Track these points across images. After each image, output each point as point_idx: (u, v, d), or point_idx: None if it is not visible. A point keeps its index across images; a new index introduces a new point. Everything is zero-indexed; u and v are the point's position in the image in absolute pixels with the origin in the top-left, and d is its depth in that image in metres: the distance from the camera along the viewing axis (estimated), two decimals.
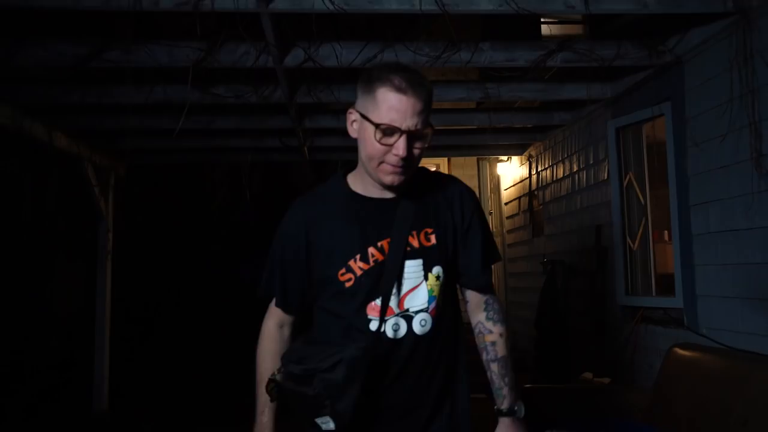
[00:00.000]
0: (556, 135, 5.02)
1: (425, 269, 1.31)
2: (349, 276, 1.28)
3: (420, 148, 1.27)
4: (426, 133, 1.26)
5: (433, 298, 1.31)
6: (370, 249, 1.29)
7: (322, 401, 1.19)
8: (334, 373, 1.18)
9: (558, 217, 5.04)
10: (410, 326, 1.29)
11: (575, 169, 4.65)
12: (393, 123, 1.21)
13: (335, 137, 5.12)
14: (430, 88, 1.26)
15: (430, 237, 1.33)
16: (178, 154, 5.40)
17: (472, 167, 7.82)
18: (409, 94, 1.21)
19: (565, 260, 4.74)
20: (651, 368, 3.46)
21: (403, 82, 1.22)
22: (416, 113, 1.22)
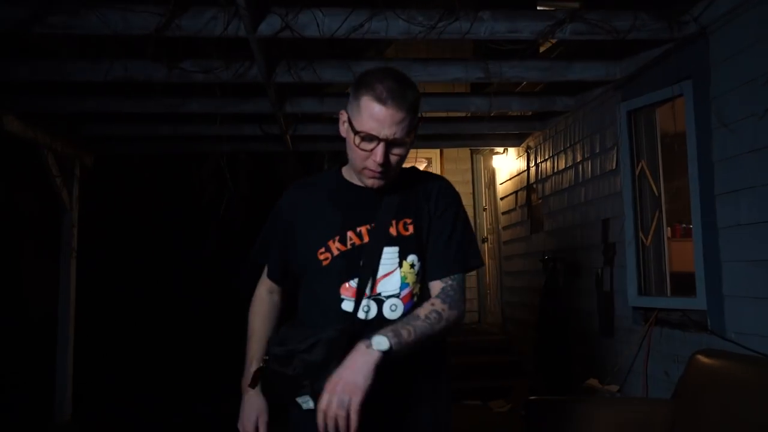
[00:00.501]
0: (557, 123, 4.68)
1: (400, 257, 1.35)
2: (327, 255, 1.35)
3: (399, 154, 1.31)
4: (406, 141, 1.29)
5: (406, 285, 1.35)
6: (348, 233, 1.36)
7: (302, 381, 1.25)
8: (312, 354, 1.24)
9: (559, 212, 4.70)
10: (380, 309, 1.33)
11: (579, 159, 4.31)
12: (371, 131, 1.26)
13: (320, 124, 4.75)
14: (413, 97, 1.28)
15: (408, 227, 1.37)
16: (149, 142, 5.00)
17: (466, 161, 7.48)
18: (389, 104, 1.24)
19: (568, 258, 4.40)
20: (667, 376, 3.12)
21: (384, 92, 1.25)
22: (395, 123, 1.25)
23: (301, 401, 1.27)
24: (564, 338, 4.22)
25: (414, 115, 1.29)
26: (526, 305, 5.47)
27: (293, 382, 1.27)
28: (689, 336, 2.95)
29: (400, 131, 1.26)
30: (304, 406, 1.27)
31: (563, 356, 4.19)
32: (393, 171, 1.32)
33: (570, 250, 4.44)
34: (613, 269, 3.76)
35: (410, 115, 1.27)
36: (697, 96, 2.86)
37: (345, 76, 3.41)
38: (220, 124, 4.53)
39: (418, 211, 1.39)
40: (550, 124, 4.79)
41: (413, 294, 1.35)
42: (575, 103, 4.22)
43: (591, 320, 4.07)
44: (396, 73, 1.31)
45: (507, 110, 4.24)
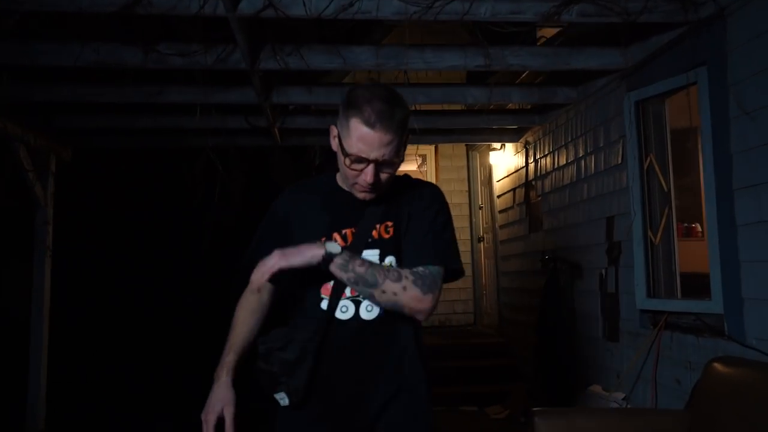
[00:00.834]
0: (558, 117, 4.47)
1: (380, 258, 1.37)
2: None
3: (389, 173, 1.33)
4: (395, 161, 1.32)
5: None
6: (334, 234, 1.39)
7: (278, 378, 1.31)
8: (287, 352, 1.31)
9: (560, 210, 4.49)
10: (357, 310, 1.36)
11: (581, 154, 4.10)
12: (361, 153, 1.28)
13: (309, 117, 4.52)
14: (401, 116, 1.29)
15: (389, 229, 1.40)
16: (130, 135, 4.75)
17: (461, 158, 7.26)
18: (377, 128, 1.26)
19: (569, 257, 4.19)
20: (679, 384, 2.92)
21: (372, 115, 1.26)
22: (384, 145, 1.27)
23: (279, 398, 1.33)
24: (565, 342, 4.02)
25: (403, 132, 1.30)
26: (525, 307, 5.26)
27: (271, 378, 1.33)
28: (703, 341, 2.74)
29: (389, 152, 1.29)
30: (281, 402, 1.33)
31: (564, 361, 3.99)
32: (384, 186, 1.35)
33: (571, 249, 4.24)
34: (618, 269, 3.56)
35: (399, 135, 1.29)
36: (713, 83, 2.66)
37: (334, 63, 3.19)
38: (204, 116, 4.29)
39: (400, 214, 1.40)
40: (550, 118, 4.58)
41: None
42: (577, 95, 4.02)
43: (594, 323, 3.87)
44: (384, 91, 1.31)
45: (506, 102, 4.03)
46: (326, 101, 3.87)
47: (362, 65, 3.22)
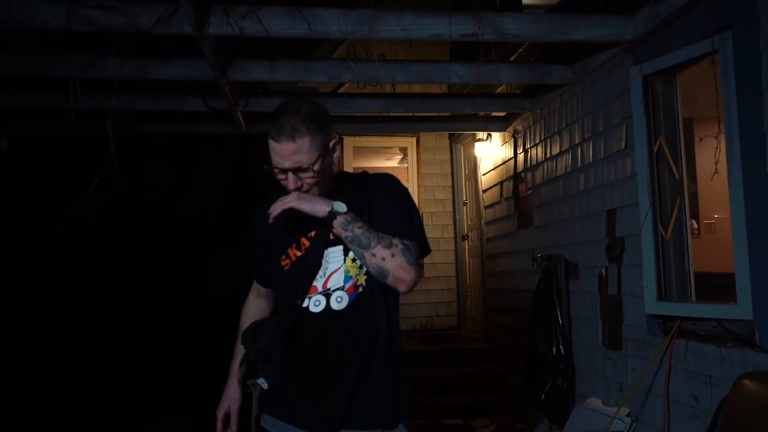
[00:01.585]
0: (551, 101, 4.07)
1: (344, 253, 1.47)
2: (287, 261, 1.51)
3: (311, 176, 1.41)
4: (312, 166, 1.39)
5: (349, 278, 1.46)
6: (302, 239, 1.50)
7: (257, 365, 1.46)
8: (258, 343, 1.46)
9: (552, 203, 4.09)
10: (328, 302, 1.46)
11: (577, 141, 3.70)
12: (276, 165, 1.41)
13: (276, 98, 4.04)
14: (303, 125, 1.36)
15: None
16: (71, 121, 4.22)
17: (444, 150, 6.84)
18: (280, 140, 1.37)
19: (565, 255, 3.79)
20: (696, 402, 2.52)
21: (274, 129, 1.38)
22: (292, 154, 1.37)
23: (260, 382, 1.46)
24: (560, 349, 3.61)
25: (313, 136, 1.37)
26: (513, 309, 4.85)
27: (252, 366, 1.46)
28: (728, 353, 2.34)
29: (301, 160, 1.38)
30: (263, 386, 1.46)
31: (559, 370, 3.58)
32: (318, 188, 1.44)
33: (566, 246, 3.84)
34: (622, 269, 3.16)
35: (306, 142, 1.36)
36: (740, 50, 2.26)
37: (297, 29, 2.73)
38: (156, 96, 3.81)
39: (359, 208, 1.45)
40: (541, 103, 4.17)
41: (357, 285, 1.47)
42: (573, 75, 3.61)
43: (592, 328, 3.47)
44: (290, 103, 1.41)
45: (494, 82, 3.61)
46: (290, 79, 3.42)
47: (330, 32, 2.77)
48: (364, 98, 4.14)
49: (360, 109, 4.12)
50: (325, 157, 1.42)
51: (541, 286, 3.77)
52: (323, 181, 1.44)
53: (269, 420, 1.50)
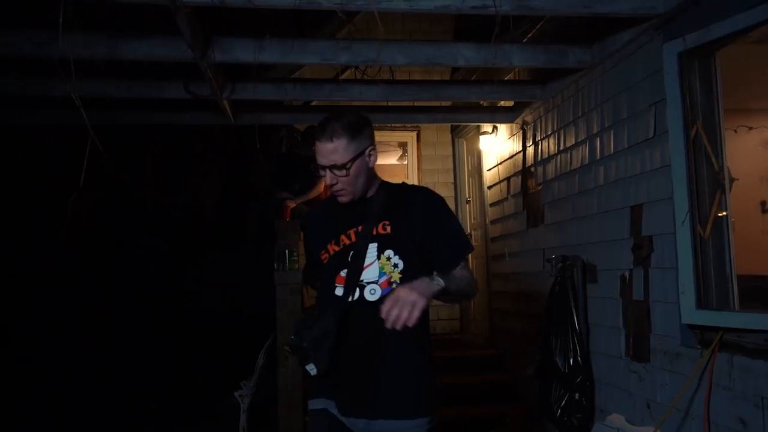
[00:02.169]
0: (565, 88, 3.73)
1: (378, 251, 1.67)
2: (326, 255, 1.72)
3: (344, 175, 1.64)
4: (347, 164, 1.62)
5: (384, 274, 1.64)
6: (341, 236, 1.71)
7: (308, 352, 1.61)
8: (313, 331, 1.61)
9: (566, 200, 3.75)
10: (362, 293, 1.64)
11: (595, 131, 3.36)
12: (318, 162, 1.65)
13: (267, 85, 3.71)
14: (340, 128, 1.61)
15: (387, 227, 1.68)
16: (44, 109, 3.88)
17: (446, 145, 6.50)
18: (321, 140, 1.61)
19: (582, 257, 3.45)
20: (744, 426, 2.18)
21: (318, 131, 1.63)
22: (329, 153, 1.61)
23: (309, 369, 1.62)
24: (578, 359, 3.27)
25: (349, 140, 1.61)
26: (522, 314, 4.52)
27: (303, 352, 1.63)
28: None
29: (337, 158, 1.62)
30: (311, 372, 1.63)
31: (577, 383, 3.24)
32: (351, 187, 1.66)
33: (582, 247, 3.50)
34: (649, 272, 2.82)
35: (342, 142, 1.60)
36: None
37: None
38: (130, 82, 3.47)
39: (397, 215, 1.68)
40: (554, 90, 3.83)
41: (391, 282, 1.64)
42: (592, 58, 3.27)
43: (613, 337, 3.13)
44: (332, 113, 1.68)
45: (505, 65, 3.27)
46: (279, 60, 3.07)
47: (322, 1, 2.42)
48: (361, 85, 3.80)
49: (357, 97, 3.78)
50: (360, 161, 1.63)
51: (556, 290, 3.43)
52: (357, 183, 1.66)
53: (318, 401, 1.69)
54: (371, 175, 1.70)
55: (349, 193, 1.66)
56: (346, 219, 1.70)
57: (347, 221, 1.69)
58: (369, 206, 1.69)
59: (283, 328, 4.13)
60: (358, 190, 1.67)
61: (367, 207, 1.69)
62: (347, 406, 1.63)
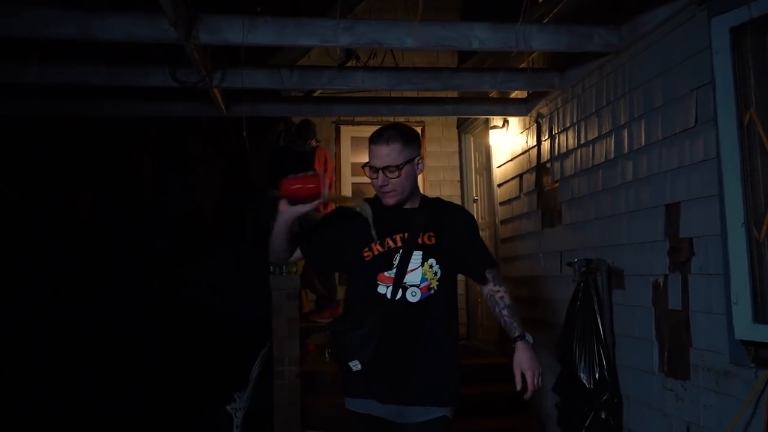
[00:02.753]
0: (587, 76, 3.42)
1: (423, 259, 1.85)
2: (369, 254, 1.85)
3: (396, 177, 1.82)
4: (399, 167, 1.80)
5: (425, 279, 1.84)
6: (386, 239, 1.86)
7: (354, 349, 1.78)
8: (360, 330, 1.78)
9: (587, 198, 3.44)
10: (404, 294, 1.82)
11: (623, 122, 3.05)
12: (372, 164, 1.84)
13: (261, 73, 3.40)
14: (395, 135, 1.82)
15: (432, 238, 1.87)
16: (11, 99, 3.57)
17: (452, 142, 6.18)
18: (378, 143, 1.82)
19: (607, 260, 3.14)
20: None
21: (374, 137, 1.85)
22: (384, 155, 1.80)
23: (352, 365, 1.79)
24: (604, 374, 2.96)
25: (402, 146, 1.81)
26: (536, 321, 4.20)
27: (346, 351, 1.79)
28: None
29: (390, 161, 1.80)
30: (354, 368, 1.79)
31: (604, 400, 2.93)
32: (399, 189, 1.84)
33: (606, 249, 3.19)
34: (689, 278, 2.51)
35: (397, 146, 1.80)
36: None
37: None
38: (110, 68, 3.16)
39: (441, 229, 1.89)
40: (574, 79, 3.52)
41: (430, 287, 1.84)
42: (619, 41, 2.96)
43: (644, 350, 2.82)
44: (392, 123, 2.02)
45: (524, 49, 2.96)
46: (274, 42, 2.76)
47: None
48: (363, 72, 3.49)
49: (360, 86, 3.47)
50: (410, 167, 1.82)
51: (579, 297, 3.11)
52: (405, 187, 1.83)
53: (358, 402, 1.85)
54: (415, 184, 1.90)
55: (397, 194, 1.84)
56: (390, 224, 1.86)
57: (392, 226, 1.85)
58: (414, 216, 1.88)
59: (279, 336, 3.82)
60: (405, 194, 1.86)
61: (412, 216, 1.88)
62: (385, 395, 1.81)
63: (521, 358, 1.84)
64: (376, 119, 6.04)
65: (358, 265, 1.86)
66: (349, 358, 1.77)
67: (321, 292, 4.95)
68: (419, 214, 1.87)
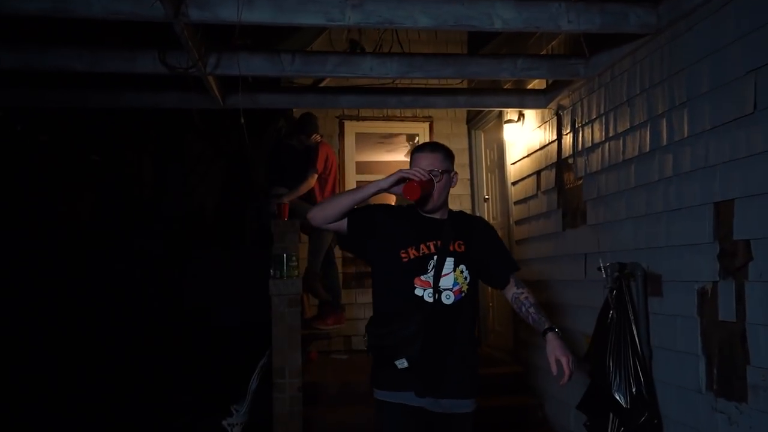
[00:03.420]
0: (617, 62, 3.12)
1: (455, 265, 2.04)
2: (405, 256, 2.01)
3: (437, 180, 2.04)
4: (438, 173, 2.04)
5: (456, 283, 2.02)
6: (421, 245, 2.03)
7: (402, 348, 1.93)
8: (406, 330, 1.93)
9: (617, 195, 3.14)
10: (439, 297, 2.00)
11: (661, 111, 2.75)
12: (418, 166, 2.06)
13: (259, 58, 3.10)
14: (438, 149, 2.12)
15: (461, 246, 2.07)
16: None
17: (461, 138, 5.87)
18: (424, 151, 2.10)
19: (644, 264, 2.83)
20: None
21: (419, 147, 2.14)
22: (429, 161, 2.05)
23: (398, 363, 1.94)
24: (642, 392, 2.66)
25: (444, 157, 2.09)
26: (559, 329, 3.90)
27: (392, 350, 1.95)
28: None
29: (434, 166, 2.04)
30: (400, 365, 1.94)
31: (642, 422, 2.63)
32: (436, 193, 2.04)
33: (640, 252, 2.89)
34: (745, 285, 2.21)
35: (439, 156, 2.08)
36: None
37: None
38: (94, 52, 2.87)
39: (468, 238, 2.09)
40: (602, 66, 3.22)
41: (461, 291, 2.03)
42: (658, 20, 2.67)
43: (688, 365, 2.52)
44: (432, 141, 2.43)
45: (552, 29, 2.66)
46: (273, 21, 2.46)
47: None
48: (372, 58, 3.19)
49: (367, 73, 3.17)
50: (447, 177, 2.08)
51: (612, 305, 2.81)
52: (441, 194, 2.07)
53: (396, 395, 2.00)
54: (447, 196, 2.10)
55: (434, 200, 2.05)
56: (424, 231, 2.04)
57: (426, 233, 2.03)
58: (444, 226, 2.07)
59: (279, 345, 3.52)
60: (440, 200, 2.06)
61: (443, 226, 2.07)
62: (421, 389, 1.97)
63: (554, 346, 1.98)
64: (381, 114, 5.76)
65: (392, 265, 2.01)
66: (396, 357, 1.93)
67: (324, 297, 4.64)
68: (448, 224, 2.08)
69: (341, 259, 5.54)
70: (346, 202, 1.96)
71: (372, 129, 5.91)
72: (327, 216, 1.98)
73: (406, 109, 5.79)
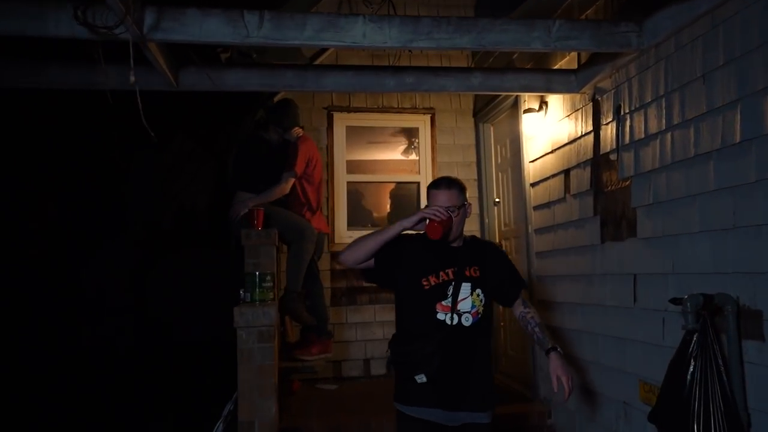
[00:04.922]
0: (685, 27, 2.38)
1: (472, 289, 2.27)
2: (427, 284, 2.25)
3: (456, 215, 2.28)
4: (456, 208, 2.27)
5: (474, 306, 2.25)
6: (440, 272, 2.26)
7: (421, 365, 2.15)
8: (427, 348, 2.15)
9: (686, 200, 2.41)
10: (460, 320, 2.23)
11: (760, 87, 2.02)
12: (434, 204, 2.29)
13: (216, 16, 2.33)
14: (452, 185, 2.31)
15: (477, 271, 2.30)
16: None
17: (467, 133, 5.14)
18: (440, 188, 2.30)
19: (734, 295, 2.10)
20: None
21: (434, 184, 2.34)
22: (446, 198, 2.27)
23: (418, 378, 2.15)
24: None
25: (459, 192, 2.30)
26: (589, 363, 3.16)
27: (414, 366, 2.16)
28: None
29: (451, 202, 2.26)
30: (419, 380, 2.16)
31: None
32: (455, 227, 2.29)
33: (727, 279, 2.15)
34: None
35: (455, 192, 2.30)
36: None
37: None
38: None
39: (482, 263, 2.33)
40: (662, 33, 2.49)
41: (478, 312, 2.26)
42: None
43: None
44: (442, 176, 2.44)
45: None
46: None
47: None
48: (365, 21, 2.42)
49: (361, 42, 2.42)
50: (463, 210, 2.30)
51: (693, 349, 2.07)
52: (459, 226, 2.30)
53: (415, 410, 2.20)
54: (463, 227, 2.35)
55: (454, 233, 2.29)
56: (443, 259, 2.28)
57: (444, 261, 2.27)
58: (459, 253, 2.32)
59: (246, 392, 2.75)
60: (457, 231, 2.31)
61: (458, 253, 2.32)
62: (443, 404, 2.18)
63: (557, 365, 2.23)
64: (376, 104, 5.02)
65: (415, 292, 2.25)
66: (416, 372, 2.16)
67: (308, 321, 3.88)
68: (463, 251, 2.32)
69: (329, 272, 4.79)
70: (373, 244, 2.22)
71: (366, 122, 5.14)
72: (358, 258, 2.25)
73: (404, 99, 5.06)
